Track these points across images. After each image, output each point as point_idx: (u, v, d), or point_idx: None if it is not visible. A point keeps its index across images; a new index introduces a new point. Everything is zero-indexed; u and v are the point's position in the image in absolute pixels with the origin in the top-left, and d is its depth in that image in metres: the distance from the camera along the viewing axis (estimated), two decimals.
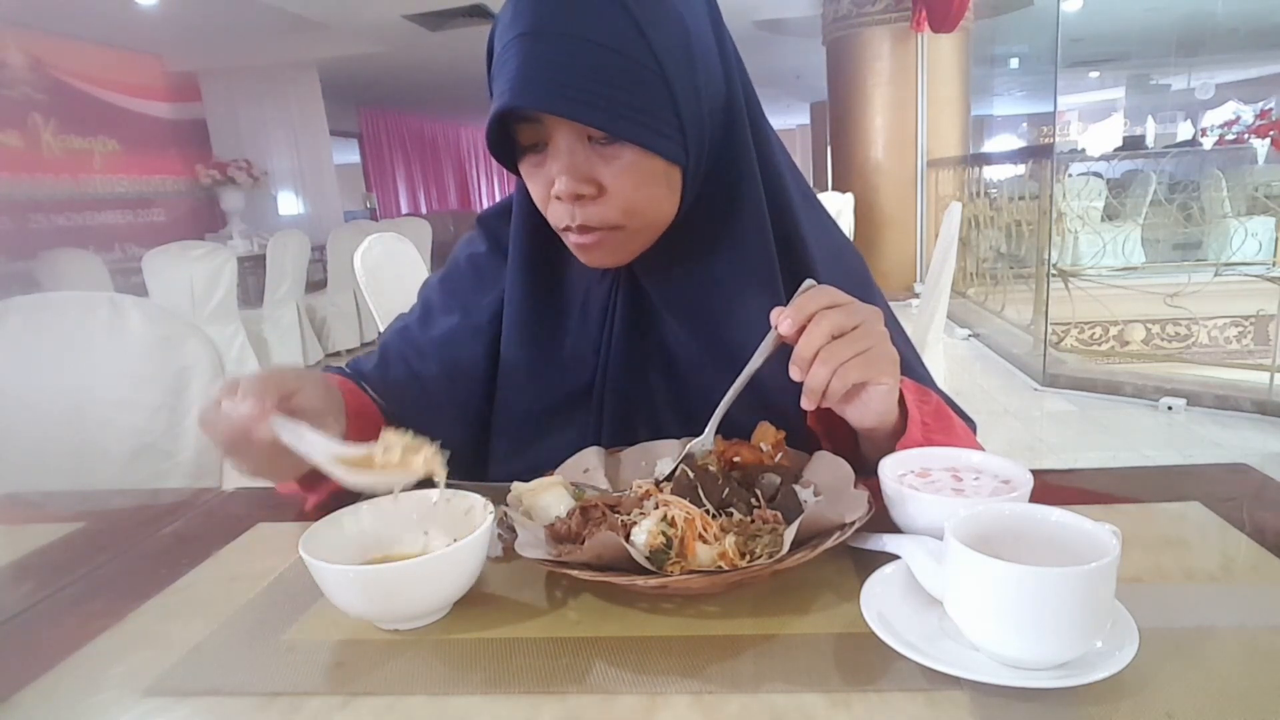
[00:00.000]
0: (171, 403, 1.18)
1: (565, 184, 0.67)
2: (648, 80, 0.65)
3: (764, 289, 0.75)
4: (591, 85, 0.63)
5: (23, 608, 0.64)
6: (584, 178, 0.67)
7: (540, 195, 0.72)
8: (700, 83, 0.69)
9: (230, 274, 4.64)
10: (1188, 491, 0.71)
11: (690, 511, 0.59)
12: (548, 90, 0.64)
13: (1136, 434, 3.38)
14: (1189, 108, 11.24)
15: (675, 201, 0.72)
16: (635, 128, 0.65)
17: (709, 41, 0.71)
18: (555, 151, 0.67)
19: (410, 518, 0.63)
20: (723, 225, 0.75)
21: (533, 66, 0.64)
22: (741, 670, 0.49)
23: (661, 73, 0.65)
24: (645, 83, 0.65)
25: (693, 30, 0.68)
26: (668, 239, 0.75)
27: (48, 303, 1.22)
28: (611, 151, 0.67)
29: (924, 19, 6.23)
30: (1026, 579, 0.44)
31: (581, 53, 0.63)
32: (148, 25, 6.25)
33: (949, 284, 2.12)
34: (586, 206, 0.68)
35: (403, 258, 1.75)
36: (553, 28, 0.64)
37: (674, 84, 0.66)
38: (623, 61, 0.64)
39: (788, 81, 11.47)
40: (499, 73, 0.66)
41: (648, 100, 0.65)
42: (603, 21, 0.64)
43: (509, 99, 0.64)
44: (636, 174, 0.68)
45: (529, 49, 0.64)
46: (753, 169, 0.74)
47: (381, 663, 0.52)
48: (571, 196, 0.67)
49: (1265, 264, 5.13)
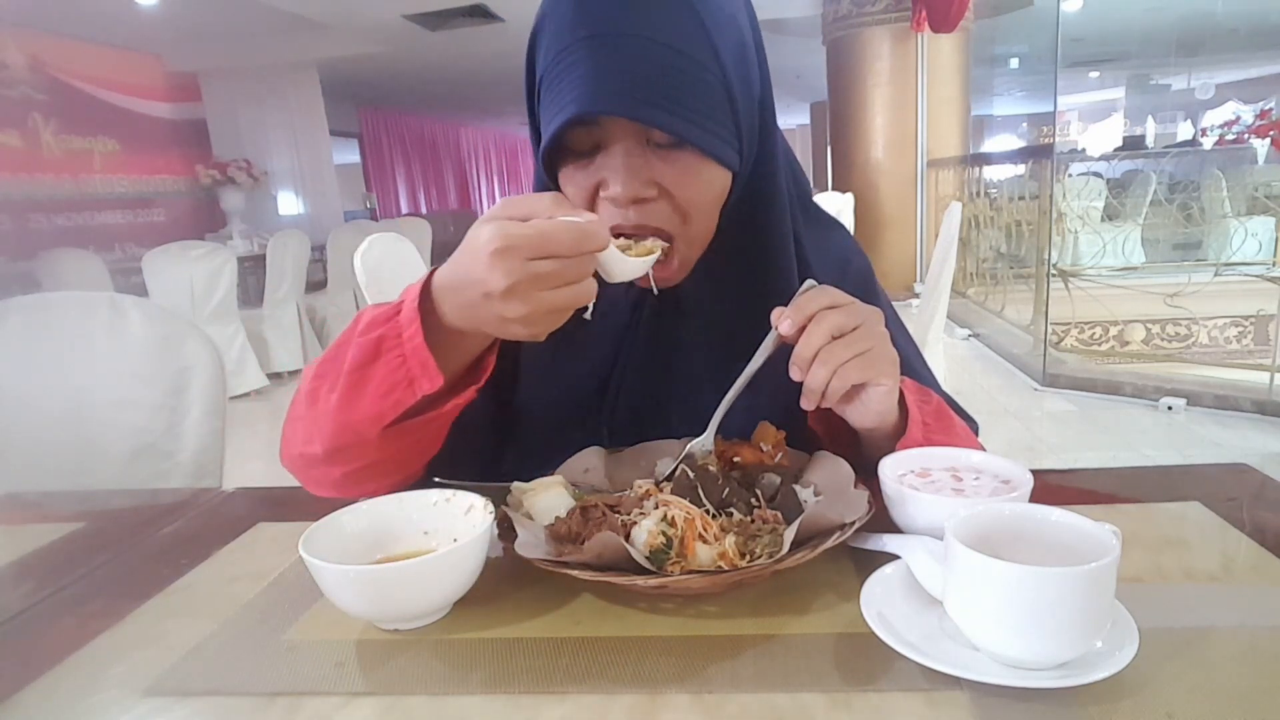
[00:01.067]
0: (171, 403, 1.18)
1: (626, 187, 0.64)
2: (712, 84, 0.63)
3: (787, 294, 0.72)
4: (663, 89, 0.61)
5: (23, 608, 0.64)
6: (645, 180, 0.65)
7: (583, 198, 0.68)
8: (751, 85, 0.68)
9: (230, 274, 4.64)
10: (1188, 491, 0.71)
11: (690, 511, 0.59)
12: (622, 95, 0.61)
13: (1136, 434, 3.38)
14: (1189, 108, 11.25)
15: (719, 210, 0.70)
16: (701, 132, 0.63)
17: (751, 40, 0.69)
18: (612, 154, 0.65)
19: (410, 518, 0.63)
20: (753, 231, 0.73)
21: (606, 70, 0.61)
22: (741, 670, 0.49)
23: (724, 76, 0.64)
24: (710, 86, 0.63)
25: (743, 29, 0.67)
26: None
27: (48, 303, 1.22)
28: (672, 155, 0.65)
29: (924, 19, 6.23)
30: (1026, 579, 0.44)
31: (654, 55, 0.61)
32: (148, 25, 6.25)
33: (949, 284, 2.12)
34: (644, 208, 0.66)
35: (403, 258, 1.75)
36: (624, 29, 0.61)
37: (733, 88, 0.65)
38: (691, 65, 0.62)
39: (788, 81, 11.47)
40: (563, 76, 0.63)
41: (712, 104, 0.64)
42: (673, 23, 0.62)
43: (585, 105, 0.61)
44: (695, 178, 0.66)
45: (599, 52, 0.61)
46: (781, 173, 0.73)
47: (381, 663, 0.52)
48: (630, 200, 0.65)
49: (1265, 264, 5.12)
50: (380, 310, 0.64)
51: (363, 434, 0.64)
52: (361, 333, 0.63)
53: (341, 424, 0.64)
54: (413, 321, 0.60)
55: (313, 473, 0.70)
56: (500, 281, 0.55)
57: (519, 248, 0.55)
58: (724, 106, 0.65)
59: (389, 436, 0.65)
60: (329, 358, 0.66)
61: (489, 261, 0.55)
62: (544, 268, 0.55)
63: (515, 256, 0.55)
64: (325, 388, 0.65)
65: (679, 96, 0.62)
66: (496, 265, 0.55)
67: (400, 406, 0.63)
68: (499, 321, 0.58)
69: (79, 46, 6.28)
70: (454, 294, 0.60)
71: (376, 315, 0.63)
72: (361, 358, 0.63)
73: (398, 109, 12.38)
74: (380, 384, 0.62)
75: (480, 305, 0.57)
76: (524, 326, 0.58)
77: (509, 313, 0.56)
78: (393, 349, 0.62)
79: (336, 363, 0.65)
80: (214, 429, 1.19)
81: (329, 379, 0.65)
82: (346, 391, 0.63)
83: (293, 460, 0.71)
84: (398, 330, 0.61)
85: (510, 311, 0.56)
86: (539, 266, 0.55)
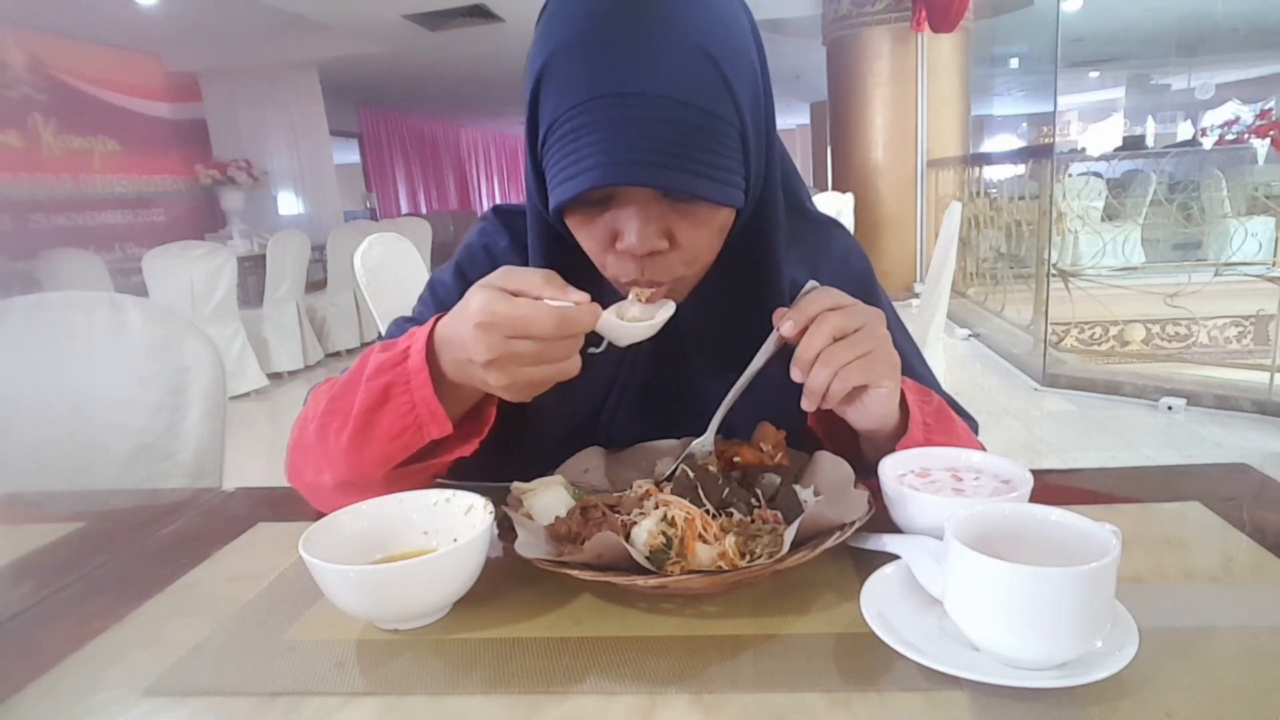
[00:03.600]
0: (171, 403, 1.18)
1: (641, 241, 0.62)
2: (730, 136, 0.61)
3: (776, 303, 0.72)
4: (683, 149, 0.59)
5: (23, 608, 0.64)
6: (661, 233, 0.63)
7: (597, 248, 0.66)
8: (761, 122, 0.66)
9: (230, 274, 4.64)
10: (1188, 491, 0.71)
11: (690, 511, 0.59)
12: (642, 163, 0.58)
13: (1136, 434, 3.38)
14: (1189, 108, 11.24)
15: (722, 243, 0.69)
16: (716, 185, 0.61)
17: (760, 71, 0.66)
18: (626, 209, 0.62)
19: (410, 518, 0.63)
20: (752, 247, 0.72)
21: (625, 135, 0.58)
22: (741, 670, 0.49)
23: (742, 128, 0.62)
24: (729, 139, 0.61)
25: (757, 68, 0.65)
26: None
27: (48, 303, 1.21)
28: (686, 207, 0.63)
29: (924, 19, 6.23)
30: (1026, 579, 0.44)
31: (675, 116, 0.58)
32: (148, 25, 6.25)
33: (949, 284, 2.12)
34: (656, 261, 0.64)
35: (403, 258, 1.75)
36: (644, 88, 0.57)
37: (748, 133, 0.63)
38: (712, 121, 0.59)
39: (788, 81, 11.47)
40: (578, 134, 0.59)
41: (728, 156, 0.62)
42: (695, 81, 0.58)
43: (604, 177, 0.58)
44: (709, 227, 0.65)
45: (617, 114, 0.58)
46: (777, 186, 0.72)
47: (381, 663, 0.52)
48: (646, 253, 0.63)
49: (1265, 264, 5.12)
50: (387, 355, 0.65)
51: (370, 475, 0.67)
52: (370, 376, 0.65)
53: (351, 463, 0.67)
54: (421, 370, 0.63)
55: (321, 498, 0.73)
56: (482, 354, 0.58)
57: (500, 325, 0.57)
58: (738, 153, 0.63)
59: (394, 477, 0.67)
60: (338, 395, 0.68)
61: (474, 333, 0.58)
62: (523, 347, 0.58)
63: (496, 333, 0.57)
64: (335, 425, 0.67)
65: (697, 155, 0.59)
66: (480, 338, 0.58)
67: (408, 450, 0.65)
68: (484, 384, 0.61)
69: (79, 46, 6.28)
70: (448, 350, 0.63)
71: (383, 361, 0.65)
72: (370, 401, 0.64)
73: (398, 109, 12.38)
74: (389, 429, 0.65)
75: (467, 367, 0.61)
76: (507, 394, 0.61)
77: (491, 380, 0.60)
78: (401, 395, 0.64)
79: (345, 401, 0.66)
80: (214, 429, 1.19)
81: (339, 416, 0.67)
82: (354, 434, 0.65)
83: (304, 486, 0.74)
84: (406, 377, 0.64)
85: (492, 380, 0.59)
86: (518, 345, 0.57)
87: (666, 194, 0.62)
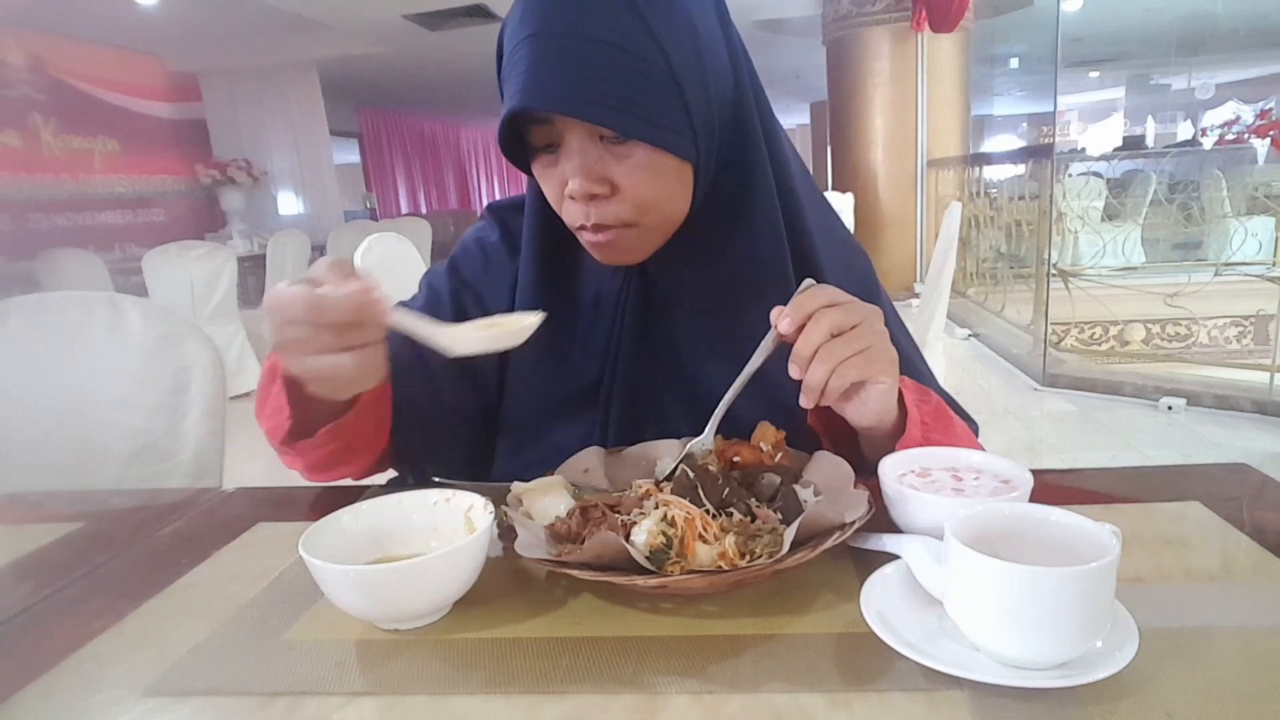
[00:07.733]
0: (171, 403, 1.18)
1: (579, 184, 0.67)
2: (657, 78, 0.65)
3: (775, 286, 0.74)
4: (602, 85, 0.64)
5: (23, 608, 0.64)
6: (597, 177, 0.67)
7: (554, 195, 0.72)
8: (709, 80, 0.69)
9: (230, 274, 4.64)
10: (1188, 491, 0.71)
11: (690, 511, 0.59)
12: (558, 91, 0.64)
13: (1136, 434, 3.38)
14: (1189, 108, 11.24)
15: (688, 198, 0.72)
16: (646, 126, 0.66)
17: (717, 38, 0.71)
18: (568, 152, 0.68)
19: (410, 518, 0.63)
20: (735, 222, 0.75)
21: (543, 68, 0.64)
22: (741, 670, 0.49)
23: (671, 71, 0.66)
24: (655, 81, 0.65)
25: (701, 28, 0.69)
26: (681, 236, 0.75)
27: (48, 303, 1.21)
28: (624, 150, 0.67)
29: (924, 19, 6.23)
30: (1026, 579, 0.44)
31: (591, 53, 0.64)
32: (148, 25, 6.25)
33: (949, 284, 2.12)
34: (600, 205, 0.69)
35: (403, 257, 1.75)
36: (562, 28, 0.64)
37: (683, 82, 0.66)
38: (632, 60, 0.64)
39: (788, 81, 11.47)
40: (509, 74, 0.67)
41: (658, 99, 0.66)
42: (612, 21, 0.64)
43: (520, 100, 0.64)
44: (649, 172, 0.68)
45: (538, 50, 0.64)
46: (764, 166, 0.74)
47: (381, 663, 0.52)
48: (585, 196, 0.68)
49: (1265, 264, 5.12)
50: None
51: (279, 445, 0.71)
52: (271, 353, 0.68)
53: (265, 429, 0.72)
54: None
55: (284, 460, 0.76)
56: (271, 338, 0.59)
57: (271, 310, 0.57)
58: (674, 100, 0.66)
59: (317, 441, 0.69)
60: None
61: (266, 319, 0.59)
62: (293, 333, 0.57)
63: (274, 317, 0.57)
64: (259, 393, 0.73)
65: (620, 92, 0.64)
66: (268, 323, 0.58)
67: (282, 430, 0.68)
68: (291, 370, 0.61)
69: (79, 46, 6.28)
70: None
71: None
72: (263, 378, 0.71)
73: (398, 109, 12.38)
74: (271, 404, 0.69)
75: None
76: (312, 384, 0.61)
77: (289, 365, 0.60)
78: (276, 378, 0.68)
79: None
80: (214, 429, 1.19)
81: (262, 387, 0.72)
82: (257, 406, 0.71)
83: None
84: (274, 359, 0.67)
85: (289, 365, 0.60)
86: (290, 331, 0.57)
87: (603, 139, 0.67)
